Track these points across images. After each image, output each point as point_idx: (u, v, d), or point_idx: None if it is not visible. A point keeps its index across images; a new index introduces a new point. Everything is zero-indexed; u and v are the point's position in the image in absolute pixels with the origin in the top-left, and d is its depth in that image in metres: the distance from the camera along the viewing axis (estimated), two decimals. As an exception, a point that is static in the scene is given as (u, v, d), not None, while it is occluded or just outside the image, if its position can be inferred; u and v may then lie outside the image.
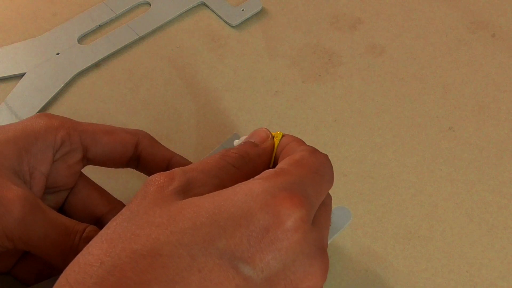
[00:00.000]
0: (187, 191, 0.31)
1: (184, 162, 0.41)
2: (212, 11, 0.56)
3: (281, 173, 0.31)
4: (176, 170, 0.32)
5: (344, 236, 0.43)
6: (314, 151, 0.34)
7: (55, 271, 0.40)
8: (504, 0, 0.56)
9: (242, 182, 0.30)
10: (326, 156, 0.34)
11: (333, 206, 0.40)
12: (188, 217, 0.29)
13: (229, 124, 0.49)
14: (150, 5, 0.56)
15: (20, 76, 0.52)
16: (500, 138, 0.48)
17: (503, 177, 0.46)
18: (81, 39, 0.54)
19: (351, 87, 0.51)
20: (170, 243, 0.28)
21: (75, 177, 0.40)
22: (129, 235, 0.28)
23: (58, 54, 0.53)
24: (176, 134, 0.49)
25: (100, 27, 0.55)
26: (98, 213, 0.40)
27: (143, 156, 0.41)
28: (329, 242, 0.40)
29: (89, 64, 0.53)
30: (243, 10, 0.56)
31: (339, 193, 0.45)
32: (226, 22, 0.55)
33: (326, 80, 0.52)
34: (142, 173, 0.42)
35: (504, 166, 0.46)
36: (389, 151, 0.47)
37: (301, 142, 0.36)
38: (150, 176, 0.32)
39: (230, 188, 0.30)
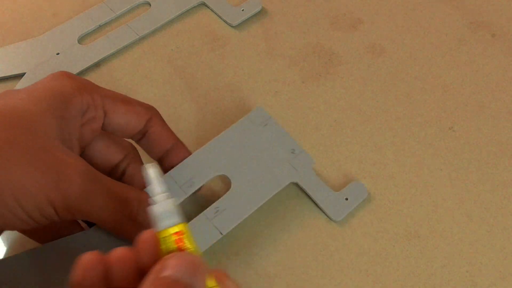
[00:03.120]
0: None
1: (182, 153, 0.42)
2: (212, 11, 0.56)
3: None
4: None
5: (344, 235, 0.43)
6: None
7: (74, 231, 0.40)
8: (504, 0, 0.56)
9: None
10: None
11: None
12: None
13: (229, 124, 0.49)
14: (150, 5, 0.56)
15: (20, 76, 0.52)
16: (500, 138, 0.48)
17: (503, 177, 0.46)
18: (81, 39, 0.54)
19: (351, 87, 0.51)
20: None
21: (95, 137, 0.40)
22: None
23: (58, 54, 0.53)
24: (176, 134, 0.49)
25: (100, 27, 0.55)
26: (114, 160, 0.41)
27: (150, 133, 0.41)
28: (345, 215, 0.44)
29: (89, 64, 0.53)
30: (243, 10, 0.56)
31: (339, 193, 0.45)
32: (226, 22, 0.55)
33: (326, 80, 0.52)
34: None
35: (504, 166, 0.46)
36: (389, 151, 0.47)
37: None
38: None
39: None
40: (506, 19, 0.55)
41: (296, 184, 0.45)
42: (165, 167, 0.43)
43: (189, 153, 0.43)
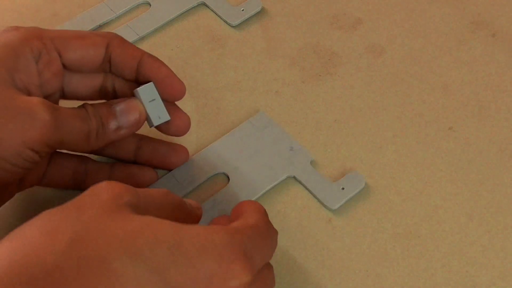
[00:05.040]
0: (142, 208, 0.31)
1: (154, 62, 0.41)
2: (212, 11, 0.56)
3: (242, 232, 0.32)
4: (129, 186, 0.32)
5: (343, 235, 0.43)
6: (268, 222, 0.36)
7: (88, 164, 0.43)
8: (504, 0, 0.56)
9: (205, 226, 0.31)
10: (276, 231, 0.36)
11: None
12: (147, 240, 0.29)
13: (229, 124, 0.49)
14: (150, 5, 0.56)
15: (20, 76, 0.52)
16: (500, 138, 0.48)
17: (503, 177, 0.46)
18: (81, 39, 0.54)
19: (351, 87, 0.51)
20: (122, 260, 0.28)
21: (62, 78, 0.40)
22: (81, 240, 0.28)
23: (58, 54, 0.53)
24: (176, 134, 0.49)
25: (100, 27, 0.55)
26: (97, 80, 0.42)
27: (113, 57, 0.41)
28: (341, 204, 0.44)
29: (89, 64, 0.53)
30: (243, 10, 0.56)
31: (339, 193, 0.45)
32: (226, 22, 0.55)
33: (326, 80, 0.52)
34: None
35: (504, 166, 0.46)
36: (389, 151, 0.47)
37: (257, 206, 0.36)
38: (100, 184, 0.32)
39: (192, 227, 0.31)
40: (506, 19, 0.55)
41: (294, 178, 0.45)
42: (143, 83, 0.42)
43: (159, 61, 0.42)
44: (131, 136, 0.43)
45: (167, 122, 0.42)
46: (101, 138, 0.38)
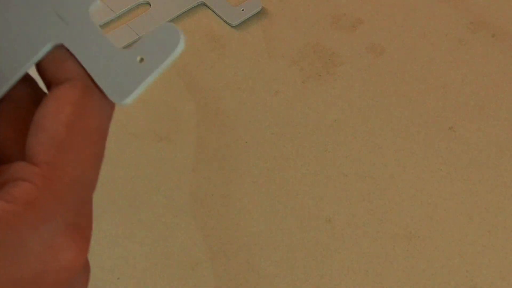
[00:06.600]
0: None
1: None
2: (212, 11, 0.56)
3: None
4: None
5: (343, 235, 0.43)
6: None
7: None
8: (504, 0, 0.56)
9: None
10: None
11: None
12: None
13: (229, 124, 0.49)
14: (150, 5, 0.56)
15: (20, 76, 0.52)
16: (500, 138, 0.48)
17: (503, 177, 0.46)
18: (81, 39, 0.54)
19: (351, 87, 0.51)
20: None
21: None
22: None
23: (58, 54, 0.53)
24: (176, 134, 0.49)
25: (100, 27, 0.55)
26: None
27: None
28: (154, 77, 0.25)
29: (89, 64, 0.53)
30: (243, 10, 0.56)
31: (339, 193, 0.45)
32: (226, 22, 0.55)
33: (326, 80, 0.52)
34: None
35: (504, 166, 0.46)
36: (389, 151, 0.47)
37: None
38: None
39: None
40: (506, 19, 0.55)
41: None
42: None
43: None
44: None
45: None
46: None
